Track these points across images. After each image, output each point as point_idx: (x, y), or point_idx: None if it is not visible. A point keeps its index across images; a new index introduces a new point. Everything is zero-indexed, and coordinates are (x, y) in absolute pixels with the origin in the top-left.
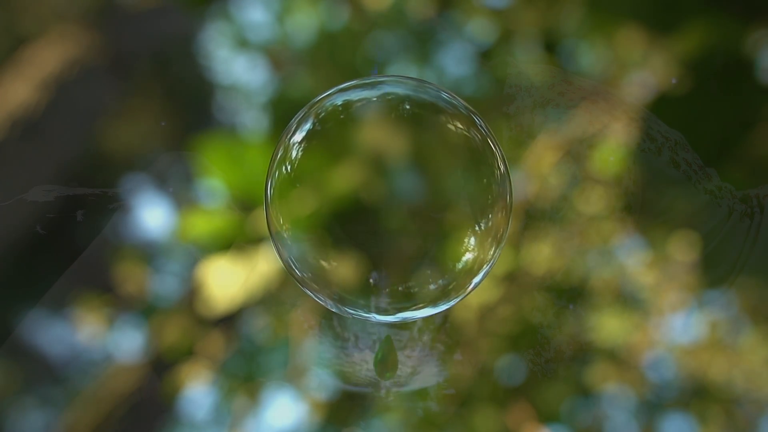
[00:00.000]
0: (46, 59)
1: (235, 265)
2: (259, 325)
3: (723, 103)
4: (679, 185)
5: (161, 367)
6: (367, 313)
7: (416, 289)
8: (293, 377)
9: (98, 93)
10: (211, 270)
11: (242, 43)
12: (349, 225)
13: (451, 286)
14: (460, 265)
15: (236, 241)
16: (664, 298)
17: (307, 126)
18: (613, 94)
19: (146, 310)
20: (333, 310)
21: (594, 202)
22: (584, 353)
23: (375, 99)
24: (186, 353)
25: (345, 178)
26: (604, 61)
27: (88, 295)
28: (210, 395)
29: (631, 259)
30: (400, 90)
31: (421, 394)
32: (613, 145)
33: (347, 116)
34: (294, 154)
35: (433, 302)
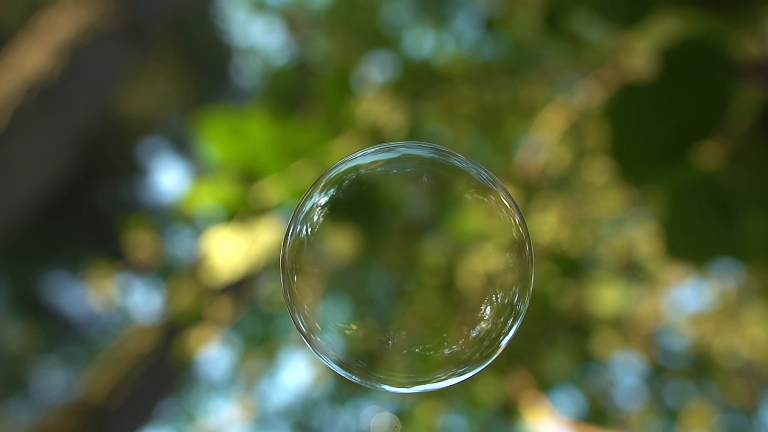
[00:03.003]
0: (61, 26)
1: (237, 236)
2: (265, 292)
3: (694, 91)
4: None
5: (176, 330)
6: (380, 384)
7: (431, 359)
8: (302, 342)
9: (114, 58)
10: (215, 240)
11: (259, 6)
12: (365, 288)
13: (474, 356)
14: (476, 334)
15: (239, 212)
16: (670, 269)
17: (331, 191)
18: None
19: (163, 272)
20: (347, 378)
21: (601, 172)
22: (587, 322)
23: (395, 168)
24: (197, 317)
25: (363, 242)
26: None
27: (107, 258)
28: (224, 357)
29: (638, 230)
30: (424, 154)
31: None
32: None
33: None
34: (315, 217)
35: (448, 374)
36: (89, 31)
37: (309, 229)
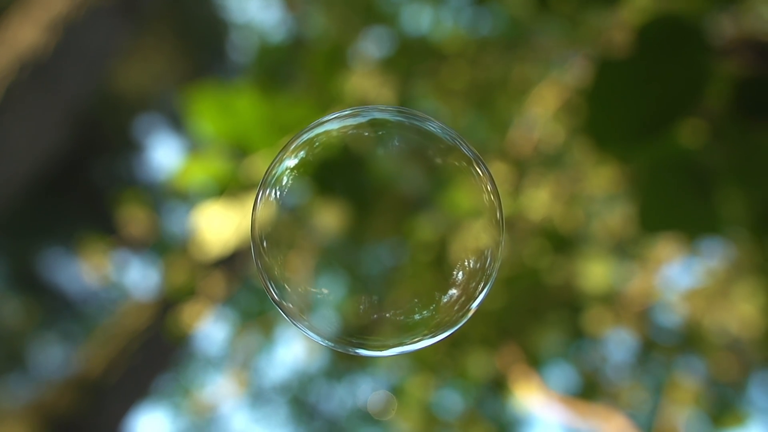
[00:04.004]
0: (55, 0)
1: (228, 210)
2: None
3: (670, 67)
4: None
5: (171, 305)
6: (354, 348)
7: (404, 323)
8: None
9: (108, 34)
10: (206, 215)
11: None
12: (337, 253)
13: (445, 320)
14: (447, 299)
15: (229, 187)
16: (662, 246)
17: (301, 154)
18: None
19: (158, 248)
20: (321, 343)
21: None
22: (578, 298)
23: (366, 131)
24: (190, 293)
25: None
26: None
27: (104, 234)
28: (221, 332)
29: (630, 207)
30: (397, 118)
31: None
32: None
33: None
34: (285, 180)
35: (421, 336)
36: (83, 6)
37: (278, 194)
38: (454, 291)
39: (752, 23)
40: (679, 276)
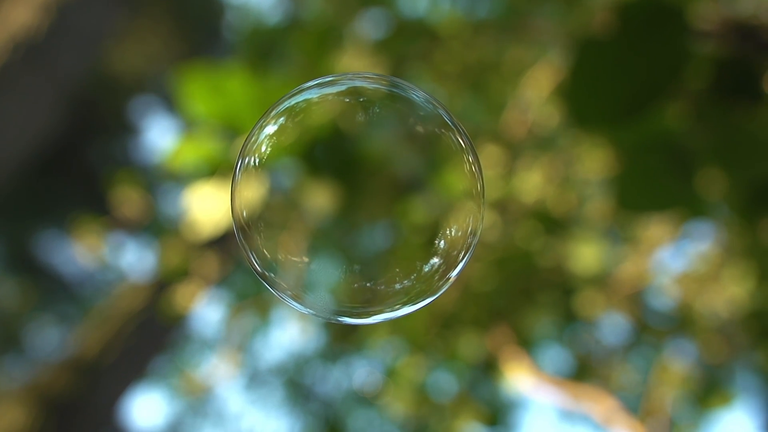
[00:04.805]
0: None
1: (219, 191)
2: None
3: (650, 48)
4: None
5: (166, 286)
6: (337, 316)
7: (385, 290)
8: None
9: (102, 14)
10: (197, 196)
11: None
12: (318, 221)
13: (423, 288)
14: (429, 268)
15: (220, 168)
16: (653, 229)
17: (280, 121)
18: None
19: (152, 229)
20: (305, 312)
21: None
22: (570, 280)
23: (347, 99)
24: (183, 274)
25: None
26: None
27: (100, 216)
28: (216, 314)
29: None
30: (370, 86)
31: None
32: None
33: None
34: (264, 149)
35: (402, 303)
36: None
37: (257, 161)
38: (435, 260)
39: (734, 5)
40: (671, 259)
